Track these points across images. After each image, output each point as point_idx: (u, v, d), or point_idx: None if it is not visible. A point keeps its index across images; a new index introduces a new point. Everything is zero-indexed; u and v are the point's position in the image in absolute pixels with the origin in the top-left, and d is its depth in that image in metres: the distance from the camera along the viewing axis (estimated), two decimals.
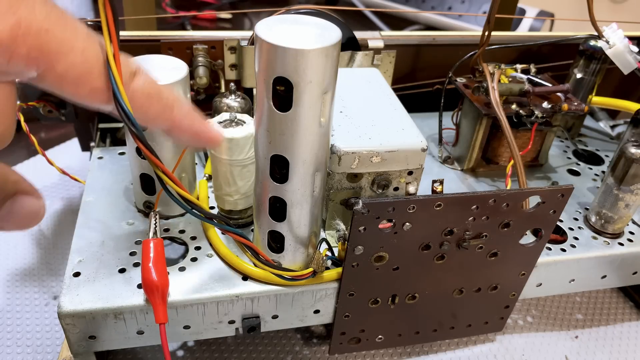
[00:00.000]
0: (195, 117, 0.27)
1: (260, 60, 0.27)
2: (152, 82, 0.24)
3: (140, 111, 0.23)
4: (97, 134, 0.51)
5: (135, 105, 0.23)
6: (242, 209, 0.39)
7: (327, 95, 0.28)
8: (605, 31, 0.50)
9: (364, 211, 0.32)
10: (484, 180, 0.50)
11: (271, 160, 0.31)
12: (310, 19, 0.29)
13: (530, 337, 0.49)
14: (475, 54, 0.47)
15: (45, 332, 0.45)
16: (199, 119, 0.27)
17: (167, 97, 0.25)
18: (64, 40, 0.19)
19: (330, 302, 0.38)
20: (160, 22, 1.00)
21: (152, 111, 0.24)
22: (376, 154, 0.36)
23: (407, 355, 0.46)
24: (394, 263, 0.36)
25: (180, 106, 0.25)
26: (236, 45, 0.49)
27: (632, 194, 0.42)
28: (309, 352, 0.45)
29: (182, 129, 0.26)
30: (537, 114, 0.46)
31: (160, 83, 0.25)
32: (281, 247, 0.35)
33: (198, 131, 0.27)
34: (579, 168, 0.54)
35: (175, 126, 0.26)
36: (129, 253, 0.37)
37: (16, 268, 0.50)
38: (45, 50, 0.19)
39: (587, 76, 0.54)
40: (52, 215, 0.56)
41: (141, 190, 0.39)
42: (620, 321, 0.51)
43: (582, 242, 0.44)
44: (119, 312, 0.33)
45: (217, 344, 0.45)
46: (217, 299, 0.35)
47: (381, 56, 0.52)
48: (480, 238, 0.36)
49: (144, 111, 0.24)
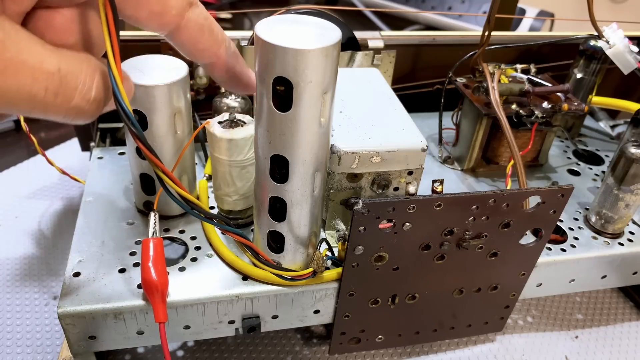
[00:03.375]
0: (238, 60, 0.28)
1: (260, 60, 0.27)
2: (207, 15, 0.25)
3: (189, 42, 0.24)
4: (97, 134, 0.51)
5: (186, 35, 0.24)
6: (242, 209, 0.39)
7: (327, 95, 0.28)
8: (605, 31, 0.50)
9: (364, 211, 0.32)
10: (484, 180, 0.50)
11: (271, 160, 0.31)
12: (310, 19, 0.29)
13: (530, 337, 0.49)
14: (475, 54, 0.47)
15: (45, 332, 0.45)
16: (241, 62, 0.29)
17: (218, 33, 0.26)
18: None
19: (330, 302, 0.38)
20: None
21: (201, 44, 0.25)
22: (376, 154, 0.36)
23: (407, 355, 0.46)
24: (394, 263, 0.36)
25: (228, 45, 0.27)
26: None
27: (632, 194, 0.42)
28: (309, 352, 0.45)
29: (225, 67, 0.28)
30: (537, 114, 0.46)
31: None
32: (281, 247, 0.35)
33: (238, 73, 0.29)
34: (579, 168, 0.54)
35: (219, 63, 0.27)
36: (128, 253, 0.37)
37: (16, 268, 0.50)
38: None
39: (587, 76, 0.54)
40: (52, 215, 0.56)
41: (141, 190, 0.39)
42: (620, 321, 0.51)
43: (582, 242, 0.44)
44: (119, 312, 0.33)
45: (217, 344, 0.45)
46: (217, 299, 0.35)
47: (381, 56, 0.52)
48: (480, 238, 0.36)
49: (193, 42, 0.25)
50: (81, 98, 0.21)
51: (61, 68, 0.20)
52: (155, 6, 0.22)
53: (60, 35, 0.21)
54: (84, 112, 0.21)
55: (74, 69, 0.20)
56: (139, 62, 0.35)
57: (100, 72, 0.22)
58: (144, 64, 0.34)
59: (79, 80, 0.21)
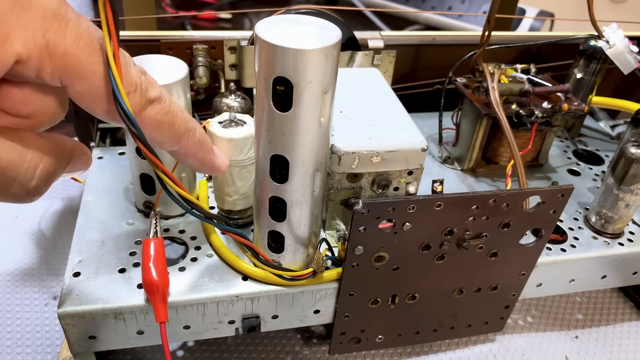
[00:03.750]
0: (201, 148, 0.28)
1: (260, 60, 0.27)
2: (168, 111, 0.25)
3: (148, 134, 0.24)
4: (97, 134, 0.51)
5: (143, 129, 0.24)
6: (242, 209, 0.39)
7: (327, 95, 0.28)
8: (605, 31, 0.50)
9: (364, 211, 0.32)
10: (484, 180, 0.50)
11: (271, 160, 0.31)
12: (310, 19, 0.29)
13: (530, 337, 0.49)
14: (475, 54, 0.47)
15: (45, 332, 0.45)
16: (205, 149, 0.29)
17: (179, 128, 0.26)
18: (87, 65, 0.21)
19: (330, 302, 0.38)
20: (160, 22, 1.00)
21: (158, 137, 0.25)
22: (376, 154, 0.36)
23: (407, 355, 0.46)
24: (394, 263, 0.36)
25: (189, 137, 0.27)
26: (236, 45, 0.49)
27: (632, 194, 0.42)
28: (309, 352, 0.45)
29: (187, 156, 0.28)
30: (537, 114, 0.46)
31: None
32: (281, 247, 0.35)
33: (202, 160, 0.29)
34: (579, 168, 0.54)
35: (180, 152, 0.28)
36: (129, 253, 0.37)
37: (16, 268, 0.50)
38: (67, 71, 0.20)
39: (587, 76, 0.54)
40: (52, 215, 0.56)
41: (141, 190, 0.39)
42: (620, 321, 0.51)
43: (582, 242, 0.44)
44: (119, 312, 0.33)
45: (217, 344, 0.45)
46: (217, 299, 0.35)
47: (381, 56, 0.52)
48: (480, 238, 0.36)
49: (151, 136, 0.25)
50: (20, 188, 0.21)
51: (1, 159, 0.20)
52: (111, 105, 0.22)
53: (16, 106, 0.21)
54: (21, 199, 0.22)
55: (17, 159, 0.20)
56: (139, 62, 0.34)
57: (47, 159, 0.22)
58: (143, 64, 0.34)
59: (20, 172, 0.21)
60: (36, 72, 0.20)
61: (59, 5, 0.20)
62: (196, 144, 0.28)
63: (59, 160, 0.23)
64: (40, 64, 0.19)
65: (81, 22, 0.20)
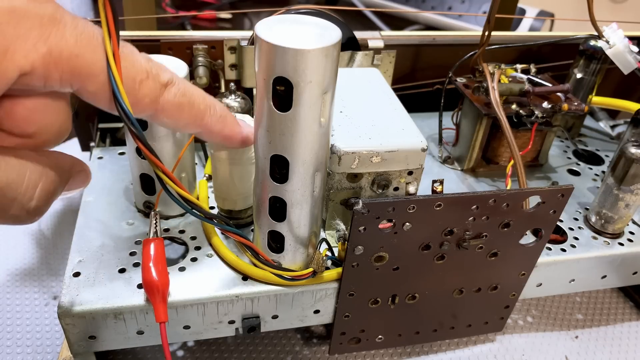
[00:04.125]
0: (226, 122, 0.28)
1: (260, 60, 0.27)
2: (185, 91, 0.24)
3: (170, 122, 0.24)
4: (97, 133, 0.51)
5: (166, 116, 0.24)
6: (242, 209, 0.39)
7: (327, 95, 0.28)
8: (605, 31, 0.50)
9: (364, 211, 0.32)
10: (484, 180, 0.50)
11: (271, 160, 0.31)
12: (310, 19, 0.29)
13: (530, 337, 0.49)
14: (475, 54, 0.47)
15: (45, 332, 0.45)
16: (230, 124, 0.28)
17: (199, 106, 0.25)
18: (95, 63, 0.20)
19: (330, 302, 0.38)
20: (160, 22, 1.00)
21: (182, 120, 0.25)
22: (376, 154, 0.36)
23: (407, 355, 0.46)
24: (394, 263, 0.36)
25: (211, 113, 0.26)
26: (236, 45, 0.49)
27: (632, 194, 0.42)
28: (309, 352, 0.45)
29: (213, 133, 0.28)
30: (537, 114, 0.46)
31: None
32: (281, 247, 0.35)
33: (228, 135, 0.29)
34: (579, 168, 0.54)
35: (206, 131, 0.27)
36: (129, 253, 0.37)
37: (16, 268, 0.50)
38: (76, 73, 0.20)
39: (587, 76, 0.54)
40: (52, 215, 0.56)
41: (141, 190, 0.39)
42: (620, 321, 0.51)
43: (582, 242, 0.44)
44: (119, 312, 0.33)
45: (217, 344, 0.45)
46: (217, 299, 0.35)
47: (381, 56, 0.52)
48: (480, 238, 0.36)
49: (175, 121, 0.24)
50: (19, 209, 0.21)
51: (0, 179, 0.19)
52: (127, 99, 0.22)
53: (20, 125, 0.20)
54: (22, 220, 0.21)
55: (16, 179, 0.20)
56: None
57: (46, 178, 0.21)
58: None
59: (19, 192, 0.20)
60: (44, 81, 0.19)
61: (55, 10, 0.19)
62: (219, 119, 0.27)
63: (58, 178, 0.22)
64: (47, 72, 0.19)
65: (78, 22, 0.20)
